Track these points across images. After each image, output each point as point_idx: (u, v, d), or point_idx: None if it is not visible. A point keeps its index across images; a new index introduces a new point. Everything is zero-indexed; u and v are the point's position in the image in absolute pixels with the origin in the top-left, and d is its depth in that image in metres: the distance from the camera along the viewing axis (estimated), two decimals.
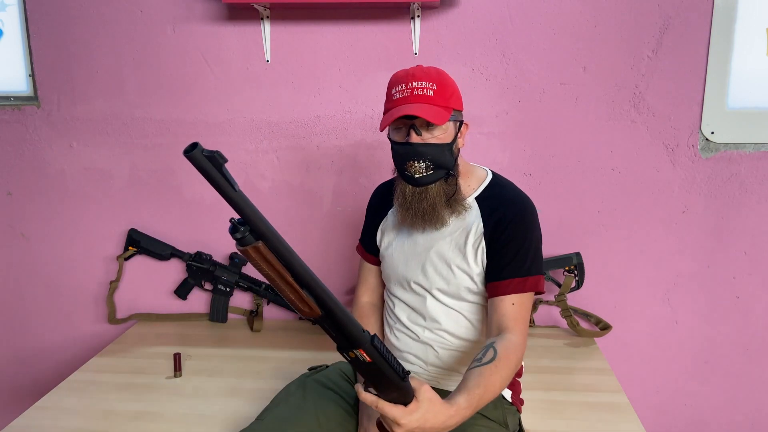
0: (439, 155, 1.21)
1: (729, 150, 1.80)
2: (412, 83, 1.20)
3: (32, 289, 2.09)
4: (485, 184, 1.31)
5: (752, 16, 1.72)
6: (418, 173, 1.21)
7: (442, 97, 1.20)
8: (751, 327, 1.89)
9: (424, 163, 1.20)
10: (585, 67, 1.79)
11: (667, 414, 1.97)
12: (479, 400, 1.04)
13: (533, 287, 1.23)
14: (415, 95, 1.19)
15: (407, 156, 1.21)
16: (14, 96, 1.97)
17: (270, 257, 0.81)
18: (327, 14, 1.81)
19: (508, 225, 1.23)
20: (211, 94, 1.90)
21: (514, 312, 1.20)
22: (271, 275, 0.82)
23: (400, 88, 1.21)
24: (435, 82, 1.20)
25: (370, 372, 0.92)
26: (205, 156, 0.74)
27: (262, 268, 0.81)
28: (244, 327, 1.97)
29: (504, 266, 1.22)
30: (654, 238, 1.86)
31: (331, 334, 0.89)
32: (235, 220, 0.82)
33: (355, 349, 0.89)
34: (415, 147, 1.20)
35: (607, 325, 1.88)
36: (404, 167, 1.23)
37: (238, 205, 0.80)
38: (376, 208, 1.44)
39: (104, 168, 1.98)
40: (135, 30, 1.88)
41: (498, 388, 1.08)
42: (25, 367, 2.16)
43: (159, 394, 1.53)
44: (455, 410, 0.99)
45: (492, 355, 1.10)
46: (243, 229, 0.81)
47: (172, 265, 2.02)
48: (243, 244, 0.80)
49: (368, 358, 0.90)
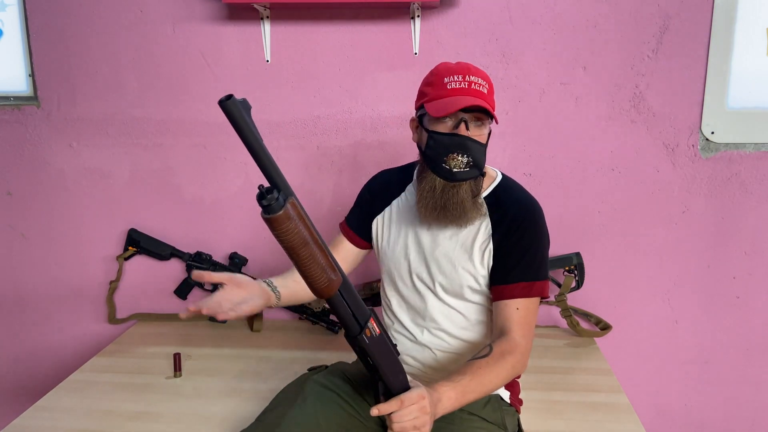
0: (480, 154, 1.20)
1: (729, 150, 1.80)
2: (469, 77, 1.20)
3: (32, 289, 2.09)
4: (495, 185, 1.31)
5: (752, 16, 1.72)
6: (458, 167, 1.19)
7: (492, 99, 1.22)
8: (751, 327, 1.89)
9: (467, 158, 1.18)
10: (585, 67, 1.79)
11: (667, 414, 1.97)
12: (465, 386, 1.05)
13: (539, 292, 1.22)
14: (473, 89, 1.19)
15: (453, 147, 1.18)
16: (14, 96, 1.97)
17: (303, 214, 0.76)
18: (327, 14, 1.81)
19: (516, 229, 1.22)
20: (211, 94, 1.90)
21: (519, 316, 1.19)
22: (306, 236, 0.76)
23: (456, 79, 1.20)
24: (487, 81, 1.22)
25: (381, 349, 0.91)
26: (240, 103, 0.73)
27: (298, 227, 0.75)
28: (244, 327, 1.97)
29: (511, 269, 1.22)
30: (654, 238, 1.86)
31: (346, 313, 0.87)
32: (262, 187, 0.77)
33: (367, 323, 0.88)
34: (463, 139, 1.17)
35: (607, 325, 1.88)
36: (445, 159, 1.19)
37: (260, 155, 0.77)
38: (376, 194, 1.41)
39: (104, 168, 1.98)
40: (135, 30, 1.88)
41: (488, 381, 1.08)
42: (25, 367, 2.16)
43: (159, 394, 1.53)
44: (438, 394, 1.02)
45: (487, 351, 1.11)
46: (273, 193, 0.76)
47: (172, 265, 2.02)
48: (276, 209, 0.74)
49: (377, 329, 0.90)
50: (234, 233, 1.99)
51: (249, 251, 1.97)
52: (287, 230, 0.75)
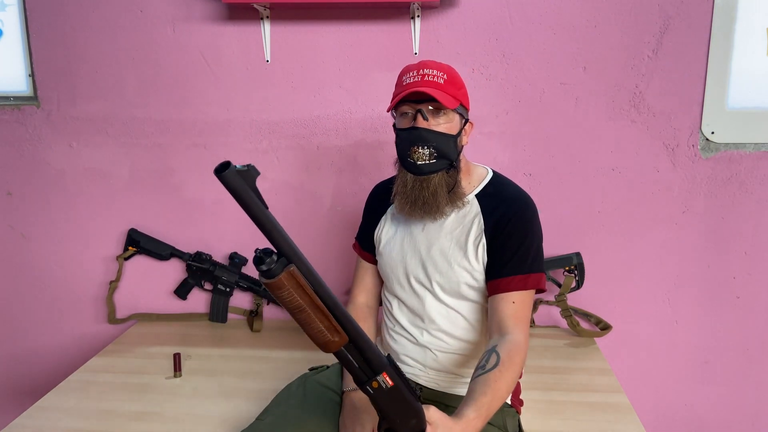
0: (444, 144, 1.21)
1: (729, 150, 1.80)
2: (423, 70, 1.21)
3: (32, 289, 2.09)
4: (485, 182, 1.31)
5: (752, 16, 1.72)
6: (421, 160, 1.20)
7: (451, 88, 1.21)
8: (751, 327, 1.89)
9: (428, 149, 1.20)
10: (585, 67, 1.79)
11: (667, 414, 1.97)
12: (488, 408, 1.02)
13: (535, 285, 1.22)
14: (426, 80, 1.19)
15: (412, 140, 1.20)
16: (14, 96, 1.97)
17: (302, 282, 0.75)
18: (327, 14, 1.81)
19: (509, 222, 1.23)
20: (211, 94, 1.90)
21: (515, 310, 1.19)
22: (302, 303, 0.76)
23: (411, 74, 1.22)
24: (446, 72, 1.22)
25: (391, 400, 0.89)
26: (238, 172, 0.67)
27: (293, 296, 0.75)
28: (244, 327, 1.97)
29: (505, 263, 1.22)
30: (654, 238, 1.86)
31: (351, 366, 0.86)
32: (260, 250, 0.75)
33: (378, 376, 0.86)
34: (420, 131, 1.19)
35: (607, 325, 1.88)
36: (408, 153, 1.21)
37: (266, 226, 0.73)
38: (374, 206, 1.44)
39: (104, 168, 1.98)
40: (135, 30, 1.88)
41: (505, 392, 1.07)
42: (25, 367, 2.16)
43: (159, 394, 1.53)
44: (465, 423, 0.98)
45: (495, 361, 1.08)
46: (271, 258, 0.74)
47: (172, 265, 2.02)
48: (272, 275, 0.73)
49: (391, 382, 0.87)
50: (234, 233, 1.99)
51: (249, 251, 1.97)
52: (281, 297, 0.75)
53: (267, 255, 0.75)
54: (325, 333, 0.80)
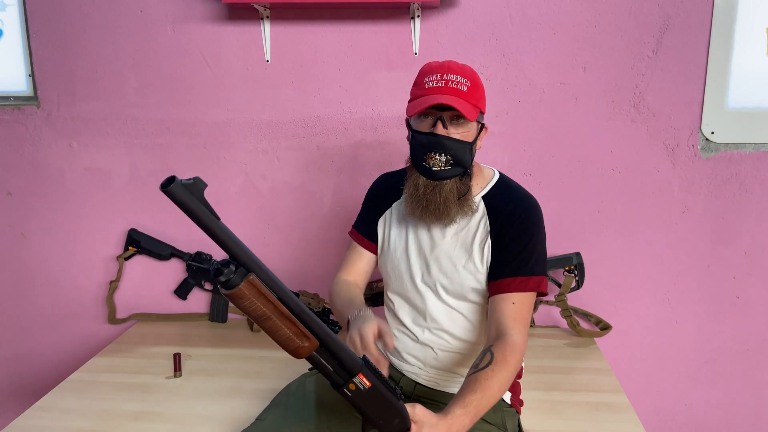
0: (461, 152, 1.20)
1: (729, 150, 1.80)
2: (447, 75, 1.19)
3: (32, 289, 2.09)
4: (492, 184, 1.31)
5: (752, 16, 1.72)
6: (437, 166, 1.20)
7: (474, 96, 1.20)
8: (751, 327, 1.89)
9: (445, 156, 1.19)
10: (585, 67, 1.79)
11: (667, 414, 1.97)
12: (477, 406, 1.02)
13: (535, 287, 1.22)
14: (450, 87, 1.18)
15: (430, 146, 1.20)
16: (14, 96, 1.97)
17: (264, 290, 0.75)
18: (327, 14, 1.81)
19: (513, 223, 1.23)
20: (210, 94, 1.90)
21: (515, 311, 1.19)
22: (266, 311, 0.76)
23: (434, 78, 1.20)
24: (469, 79, 1.20)
25: (371, 400, 0.88)
26: (184, 186, 0.68)
27: (255, 305, 0.74)
28: (244, 327, 1.97)
29: (506, 264, 1.22)
30: (654, 238, 1.86)
31: (326, 370, 0.86)
32: (217, 262, 0.75)
33: (354, 377, 0.85)
34: (440, 139, 1.19)
35: (607, 325, 1.88)
36: (424, 158, 1.21)
37: (220, 237, 0.73)
38: (378, 197, 1.42)
39: (104, 168, 1.98)
40: (135, 30, 1.88)
41: (497, 391, 1.07)
42: (25, 367, 2.16)
43: (159, 394, 1.53)
44: (450, 419, 0.98)
45: (489, 359, 1.08)
46: (229, 268, 0.74)
47: (172, 265, 2.02)
48: (231, 285, 0.73)
49: (368, 383, 0.86)
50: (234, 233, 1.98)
51: None
52: (243, 306, 0.75)
53: (225, 266, 0.74)
54: (293, 339, 0.79)
